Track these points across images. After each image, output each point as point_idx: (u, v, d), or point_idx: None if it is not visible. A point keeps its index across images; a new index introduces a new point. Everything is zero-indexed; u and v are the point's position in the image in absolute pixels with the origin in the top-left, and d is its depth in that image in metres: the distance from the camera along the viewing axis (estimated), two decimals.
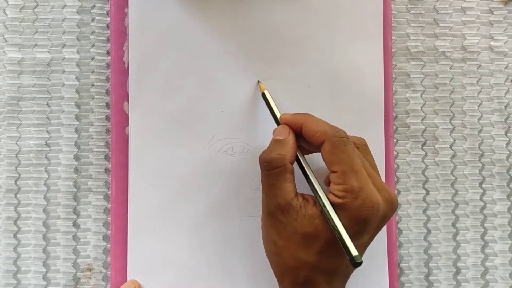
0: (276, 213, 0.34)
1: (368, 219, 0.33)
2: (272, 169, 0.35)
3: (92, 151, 0.42)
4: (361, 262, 0.32)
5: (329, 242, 0.33)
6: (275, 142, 0.36)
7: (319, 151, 0.36)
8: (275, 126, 0.41)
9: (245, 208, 0.41)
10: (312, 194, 0.35)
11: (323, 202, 0.33)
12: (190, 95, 0.41)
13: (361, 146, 0.36)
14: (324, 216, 0.33)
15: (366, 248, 0.35)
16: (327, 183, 0.37)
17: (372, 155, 0.37)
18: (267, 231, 0.35)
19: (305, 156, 0.37)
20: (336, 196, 0.33)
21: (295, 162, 0.36)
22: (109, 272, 0.41)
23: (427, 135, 0.44)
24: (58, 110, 0.42)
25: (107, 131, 0.42)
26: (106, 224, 0.42)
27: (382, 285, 0.41)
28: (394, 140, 0.43)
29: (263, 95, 0.40)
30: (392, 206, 0.34)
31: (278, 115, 0.38)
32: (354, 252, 0.32)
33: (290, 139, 0.36)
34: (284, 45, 0.41)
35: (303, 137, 0.36)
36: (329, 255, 0.34)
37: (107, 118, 0.42)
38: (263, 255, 0.41)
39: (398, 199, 0.43)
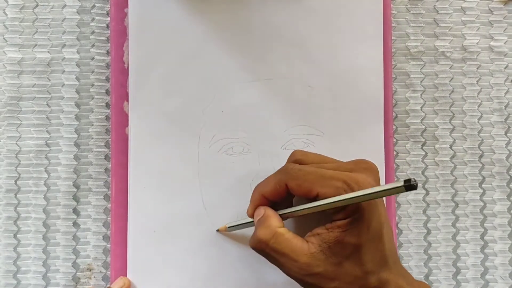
0: (310, 271, 0.33)
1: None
2: (268, 245, 0.34)
3: (92, 151, 0.42)
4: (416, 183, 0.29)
5: (364, 243, 0.33)
6: (256, 224, 0.36)
7: (292, 197, 0.37)
8: (275, 124, 0.41)
9: (245, 208, 0.41)
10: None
11: (344, 198, 0.32)
12: (190, 95, 0.41)
13: (300, 156, 0.36)
14: (344, 232, 0.32)
15: None
16: None
17: (310, 152, 0.37)
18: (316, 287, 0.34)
19: None
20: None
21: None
22: (109, 272, 0.41)
23: (427, 135, 0.44)
24: (58, 110, 0.42)
25: (107, 131, 0.42)
26: (106, 224, 0.42)
27: None
28: (394, 140, 0.43)
29: (230, 228, 0.39)
30: (373, 168, 0.35)
31: (247, 220, 0.38)
32: (400, 183, 0.29)
33: (268, 211, 0.35)
34: (284, 45, 0.41)
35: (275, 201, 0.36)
36: (371, 251, 0.33)
37: (107, 118, 0.42)
38: None
39: (398, 199, 0.43)
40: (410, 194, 0.43)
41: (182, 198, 0.41)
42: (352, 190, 0.32)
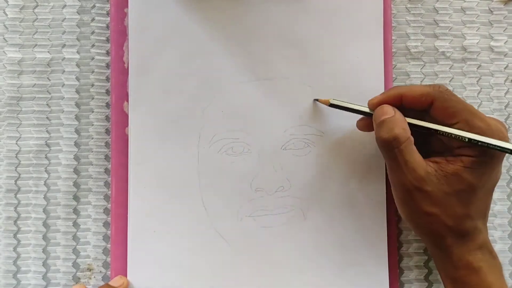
0: (421, 186, 0.35)
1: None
2: (401, 144, 0.35)
3: (92, 151, 0.42)
4: None
5: (479, 188, 0.35)
6: (386, 121, 0.36)
7: (419, 116, 0.37)
8: (275, 124, 0.41)
9: (245, 208, 0.41)
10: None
11: (477, 140, 0.35)
12: (190, 95, 0.41)
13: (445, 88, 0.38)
14: (465, 168, 0.35)
15: None
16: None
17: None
18: (415, 207, 0.36)
19: None
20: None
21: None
22: (109, 272, 0.41)
23: None
24: (58, 110, 0.42)
25: (107, 131, 0.42)
26: (106, 224, 0.42)
27: (382, 285, 0.41)
28: None
29: (332, 105, 0.39)
30: (504, 125, 0.36)
31: (361, 108, 0.39)
32: None
33: (399, 114, 0.36)
34: (284, 45, 0.41)
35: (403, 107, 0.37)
36: (480, 199, 0.36)
37: (107, 118, 0.43)
38: (262, 254, 0.41)
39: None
40: None
41: (182, 198, 0.41)
42: (492, 137, 0.35)
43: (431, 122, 0.37)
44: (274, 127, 0.41)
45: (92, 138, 0.42)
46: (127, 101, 0.41)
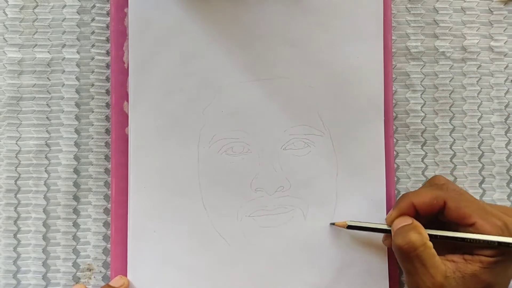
0: None
1: None
2: (417, 249, 0.34)
3: (92, 151, 0.42)
4: None
5: (496, 285, 0.34)
6: (403, 228, 0.36)
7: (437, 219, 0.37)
8: (275, 124, 0.41)
9: (245, 208, 0.41)
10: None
11: (508, 242, 0.34)
12: (190, 95, 0.41)
13: (444, 181, 0.38)
14: (484, 269, 0.34)
15: None
16: None
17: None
18: None
19: None
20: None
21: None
22: (109, 272, 0.41)
23: (427, 135, 0.44)
24: (58, 110, 0.42)
25: (107, 131, 0.42)
26: (106, 224, 0.42)
27: (382, 285, 0.41)
28: (394, 140, 0.43)
29: (349, 227, 0.39)
30: None
31: (380, 226, 0.39)
32: None
33: (416, 222, 0.36)
34: (284, 45, 0.41)
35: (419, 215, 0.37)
36: None
37: (107, 118, 0.43)
38: (262, 254, 0.41)
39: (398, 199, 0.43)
40: None
41: (182, 198, 0.41)
42: (509, 234, 0.34)
43: (445, 223, 0.37)
44: (274, 127, 0.41)
45: (92, 138, 0.42)
46: (127, 101, 0.41)
